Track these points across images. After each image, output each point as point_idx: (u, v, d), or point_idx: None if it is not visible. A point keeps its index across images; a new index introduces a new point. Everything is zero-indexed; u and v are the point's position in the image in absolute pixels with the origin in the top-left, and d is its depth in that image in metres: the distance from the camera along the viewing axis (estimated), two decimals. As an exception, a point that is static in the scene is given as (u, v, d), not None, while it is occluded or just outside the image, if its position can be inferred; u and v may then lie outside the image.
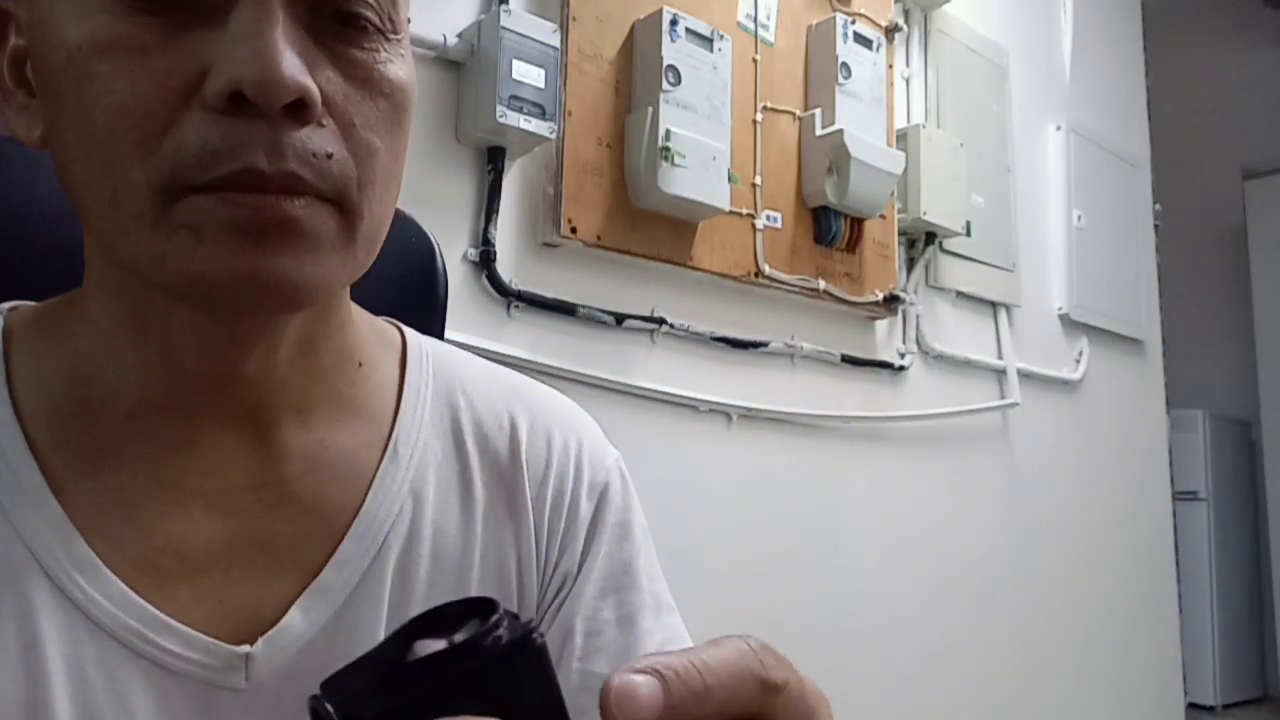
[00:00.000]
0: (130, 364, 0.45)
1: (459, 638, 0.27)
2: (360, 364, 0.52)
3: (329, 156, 0.40)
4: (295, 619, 0.46)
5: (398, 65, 0.43)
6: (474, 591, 0.51)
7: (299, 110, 0.38)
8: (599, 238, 1.53)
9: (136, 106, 0.38)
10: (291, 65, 0.38)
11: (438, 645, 0.27)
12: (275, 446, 0.47)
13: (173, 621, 0.43)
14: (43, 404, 0.45)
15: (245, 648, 0.44)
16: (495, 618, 0.27)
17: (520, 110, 1.39)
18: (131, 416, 0.45)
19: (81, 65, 0.38)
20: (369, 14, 0.42)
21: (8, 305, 0.49)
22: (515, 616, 0.28)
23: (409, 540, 0.49)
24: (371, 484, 0.49)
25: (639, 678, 0.26)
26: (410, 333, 0.57)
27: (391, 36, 0.43)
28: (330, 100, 0.40)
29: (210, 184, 0.38)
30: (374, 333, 0.54)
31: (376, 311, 0.57)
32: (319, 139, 0.39)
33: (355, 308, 0.53)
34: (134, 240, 0.39)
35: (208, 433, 0.46)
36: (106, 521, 0.44)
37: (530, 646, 0.27)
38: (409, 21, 0.46)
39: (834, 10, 1.91)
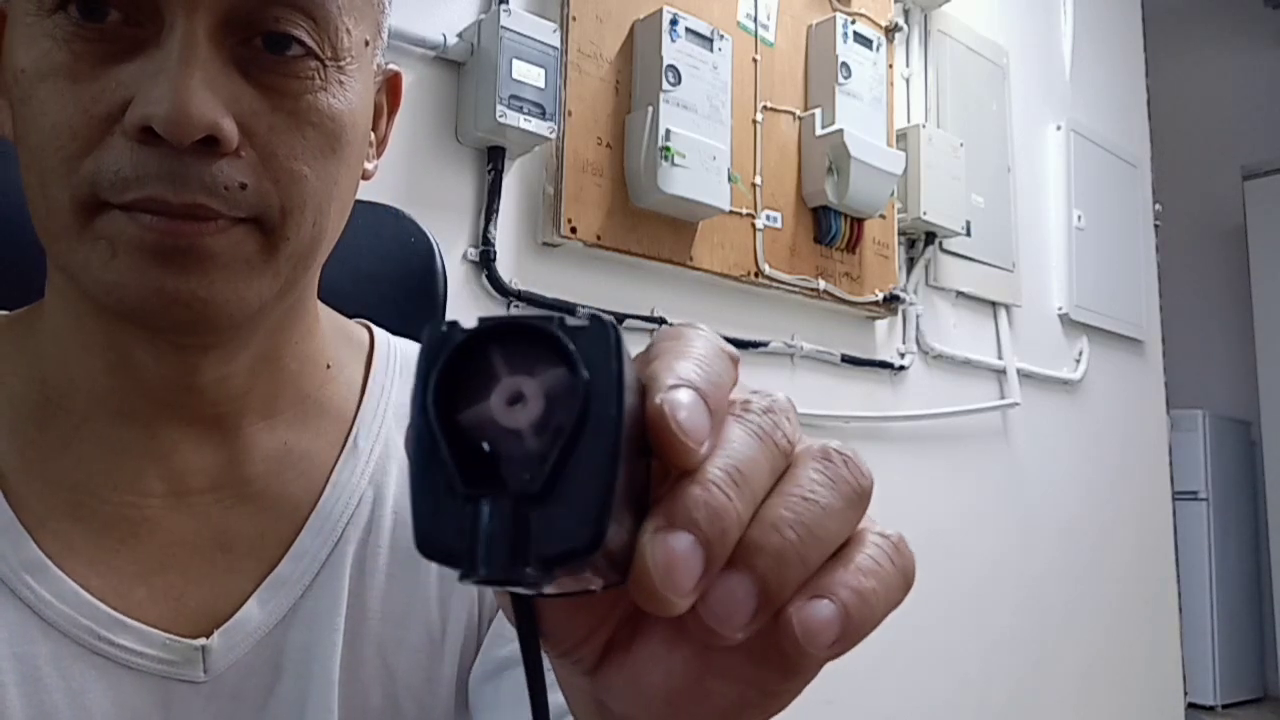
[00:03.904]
0: (84, 368, 0.46)
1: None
2: (329, 366, 0.53)
3: (243, 187, 0.41)
4: (252, 611, 0.46)
5: (333, 93, 0.43)
6: (434, 582, 0.51)
7: (211, 144, 0.40)
8: (599, 237, 1.53)
9: (64, 128, 0.40)
10: (202, 104, 0.39)
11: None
12: (238, 449, 0.48)
13: (126, 619, 0.43)
14: (1, 406, 0.46)
15: (201, 641, 0.44)
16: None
17: (520, 110, 1.39)
18: (87, 419, 0.46)
19: (25, 87, 0.41)
20: (303, 39, 0.42)
21: None
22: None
23: (368, 531, 0.50)
24: (329, 478, 0.50)
25: (683, 396, 0.25)
26: (381, 334, 0.57)
27: (331, 64, 0.43)
28: (252, 131, 0.41)
29: (124, 204, 0.40)
30: (342, 335, 0.55)
31: (375, 311, 0.57)
32: (232, 170, 0.41)
33: (325, 311, 0.54)
34: (64, 247, 0.42)
35: (166, 436, 0.46)
36: (59, 522, 0.44)
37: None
38: (369, 43, 0.46)
39: (834, 10, 1.91)
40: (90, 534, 0.44)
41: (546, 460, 0.23)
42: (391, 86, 0.54)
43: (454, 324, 0.24)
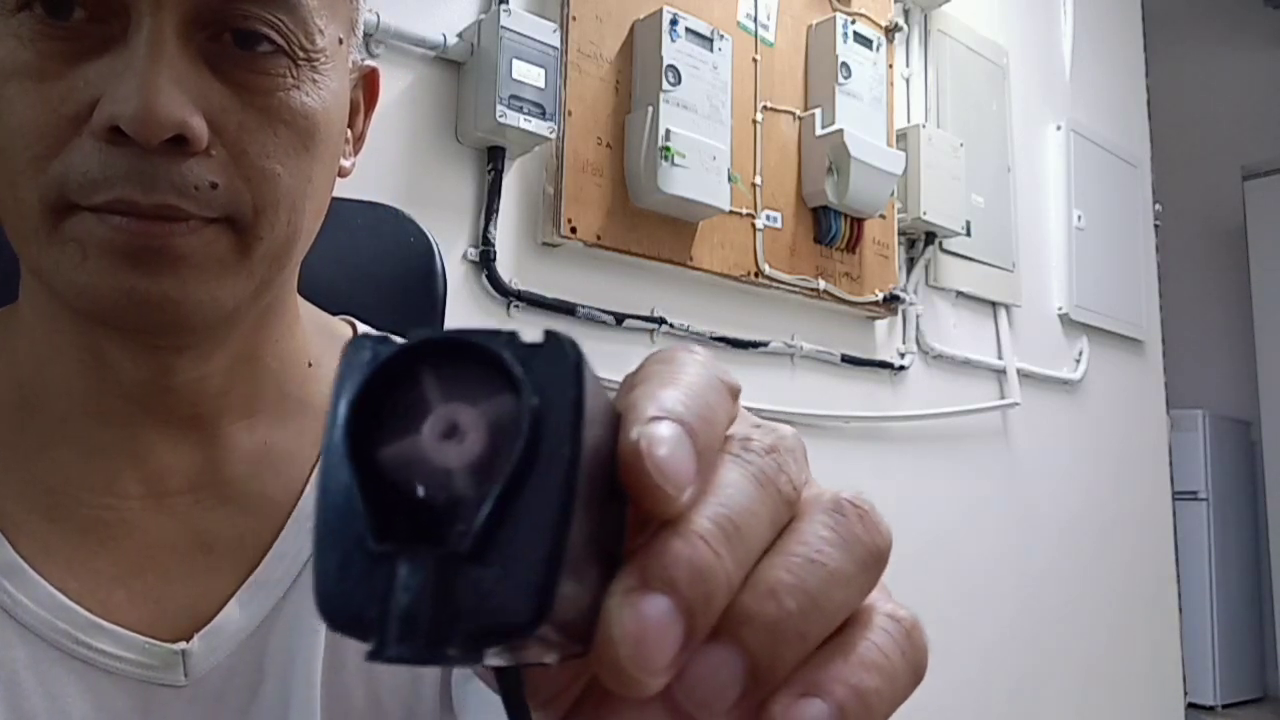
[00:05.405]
0: (59, 370, 0.45)
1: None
2: (310, 364, 0.52)
3: (213, 186, 0.40)
4: (233, 613, 0.45)
5: (305, 91, 0.43)
6: None
7: (180, 143, 0.39)
8: (599, 237, 1.53)
9: (32, 129, 0.39)
10: (170, 102, 0.38)
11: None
12: (217, 449, 0.47)
13: (104, 622, 0.43)
14: None
15: (181, 644, 0.44)
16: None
17: (520, 110, 1.38)
18: (65, 420, 0.45)
19: None
20: (274, 36, 0.41)
21: None
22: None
23: None
24: (310, 477, 0.49)
25: (665, 430, 0.21)
26: (364, 329, 0.57)
27: (302, 61, 0.42)
28: (222, 129, 0.41)
29: (93, 206, 0.39)
30: (324, 331, 0.54)
31: (374, 311, 0.57)
32: (202, 170, 0.40)
33: (306, 308, 0.53)
34: (35, 250, 0.41)
35: (144, 437, 0.46)
36: (36, 525, 0.44)
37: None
38: (343, 40, 0.46)
39: (834, 10, 1.91)
40: (68, 536, 0.44)
41: (481, 509, 0.18)
42: (368, 83, 0.53)
43: (384, 338, 0.20)
